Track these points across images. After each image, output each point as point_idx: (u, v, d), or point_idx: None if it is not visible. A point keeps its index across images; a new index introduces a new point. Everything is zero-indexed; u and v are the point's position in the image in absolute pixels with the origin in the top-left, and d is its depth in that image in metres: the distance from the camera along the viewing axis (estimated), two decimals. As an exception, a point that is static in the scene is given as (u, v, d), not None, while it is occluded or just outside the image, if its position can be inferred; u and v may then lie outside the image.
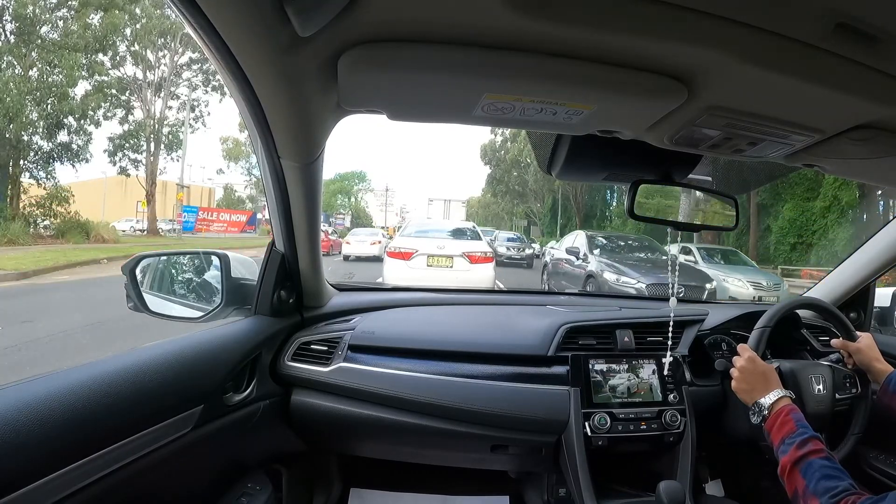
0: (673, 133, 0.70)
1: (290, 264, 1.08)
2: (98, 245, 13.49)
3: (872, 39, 0.48)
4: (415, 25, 0.50)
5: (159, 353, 0.80)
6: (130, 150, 18.88)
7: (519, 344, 1.13)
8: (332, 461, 1.43)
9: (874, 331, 1.42)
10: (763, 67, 0.52)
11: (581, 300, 1.79)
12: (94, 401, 0.64)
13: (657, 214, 0.94)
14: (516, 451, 1.10)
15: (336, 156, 62.38)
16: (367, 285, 1.73)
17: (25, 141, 14.41)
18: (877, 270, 1.30)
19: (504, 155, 28.94)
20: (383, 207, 50.03)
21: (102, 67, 17.16)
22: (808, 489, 0.74)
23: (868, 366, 1.04)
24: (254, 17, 0.47)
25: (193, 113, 20.98)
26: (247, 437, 0.99)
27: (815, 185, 12.67)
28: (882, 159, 0.75)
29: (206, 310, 1.06)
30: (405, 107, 0.66)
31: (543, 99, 0.60)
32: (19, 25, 14.44)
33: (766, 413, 0.88)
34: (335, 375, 1.07)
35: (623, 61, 0.54)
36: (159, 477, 0.75)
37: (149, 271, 1.12)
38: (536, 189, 27.92)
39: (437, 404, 1.04)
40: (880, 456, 1.16)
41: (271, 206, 0.97)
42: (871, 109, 0.62)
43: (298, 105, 0.66)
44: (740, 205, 0.98)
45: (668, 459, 1.08)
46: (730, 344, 1.20)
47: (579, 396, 1.05)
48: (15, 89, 13.53)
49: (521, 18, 0.46)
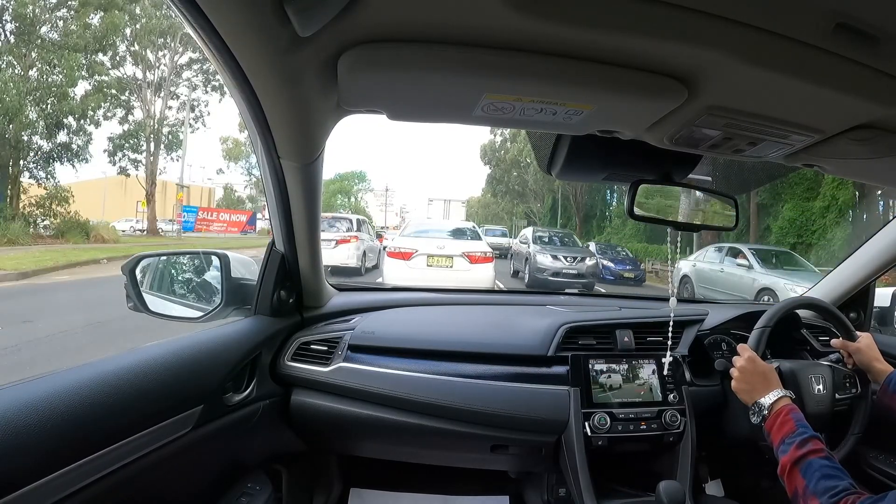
0: (673, 133, 0.70)
1: (290, 264, 1.08)
2: (98, 245, 13.48)
3: (872, 39, 0.48)
4: (415, 25, 0.50)
5: (159, 353, 0.80)
6: (130, 150, 18.87)
7: (519, 344, 1.13)
8: (332, 461, 1.43)
9: (874, 331, 1.42)
10: (763, 67, 0.52)
11: (581, 300, 1.79)
12: (94, 401, 0.64)
13: (657, 214, 0.94)
14: (516, 451, 1.10)
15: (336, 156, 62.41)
16: (367, 285, 1.73)
17: (25, 141, 14.39)
18: (877, 270, 1.30)
19: (504, 155, 28.93)
20: (383, 207, 50.08)
21: (102, 67, 17.15)
22: (808, 489, 0.74)
23: (868, 366, 1.04)
24: (254, 17, 0.47)
25: (193, 113, 20.99)
26: (247, 438, 0.99)
27: (815, 185, 12.67)
28: (882, 159, 0.75)
29: (206, 310, 1.06)
30: (405, 107, 0.67)
31: (543, 99, 0.60)
32: (19, 25, 14.44)
33: (766, 413, 0.88)
34: (335, 375, 1.07)
35: (623, 61, 0.54)
36: (159, 477, 0.75)
37: (149, 271, 1.12)
38: (536, 189, 27.91)
39: (437, 404, 1.04)
40: (880, 456, 1.16)
41: (271, 206, 0.97)
42: (871, 109, 0.62)
43: (298, 105, 0.66)
44: (740, 205, 0.99)
45: (668, 459, 1.08)
46: (730, 344, 1.20)
47: (579, 396, 1.05)
48: (15, 89, 13.51)
49: (520, 18, 0.46)
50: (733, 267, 7.93)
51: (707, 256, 8.84)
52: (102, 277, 7.96)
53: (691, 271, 8.87)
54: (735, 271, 7.83)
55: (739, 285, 7.48)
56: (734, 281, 7.68)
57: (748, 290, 7.21)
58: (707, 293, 7.81)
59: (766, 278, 7.16)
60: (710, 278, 8.35)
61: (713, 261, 8.54)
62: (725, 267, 8.14)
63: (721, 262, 8.31)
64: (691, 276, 8.81)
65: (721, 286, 7.86)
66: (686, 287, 8.81)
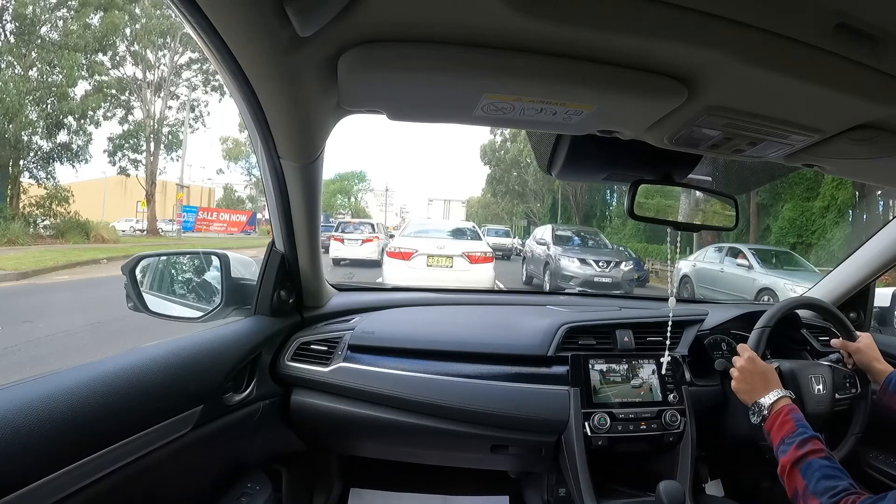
0: (673, 133, 0.70)
1: (290, 264, 1.08)
2: (98, 245, 13.48)
3: (872, 39, 0.48)
4: (415, 25, 0.50)
5: (159, 353, 0.80)
6: (130, 150, 18.88)
7: (519, 344, 1.13)
8: (332, 461, 1.43)
9: (874, 331, 1.42)
10: (763, 67, 0.52)
11: (581, 300, 1.79)
12: (94, 401, 0.64)
13: (657, 214, 0.94)
14: (516, 451, 1.10)
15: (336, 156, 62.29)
16: (366, 285, 1.73)
17: (25, 141, 14.39)
18: (877, 270, 1.30)
19: (504, 155, 28.93)
20: (383, 207, 50.09)
21: (102, 67, 17.16)
22: (807, 489, 0.74)
23: (868, 366, 1.04)
24: (254, 17, 0.47)
25: (193, 113, 20.99)
26: (246, 438, 0.99)
27: (815, 185, 12.67)
28: (882, 159, 0.75)
29: (206, 310, 1.06)
30: (405, 107, 0.67)
31: (543, 99, 0.60)
32: (19, 25, 14.44)
33: (766, 413, 0.88)
34: (335, 375, 1.07)
35: (623, 61, 0.54)
36: (159, 477, 0.75)
37: (148, 271, 1.12)
38: (536, 189, 27.91)
39: (436, 404, 1.04)
40: (880, 456, 1.16)
41: (271, 206, 0.97)
42: (871, 109, 0.61)
43: (298, 105, 0.66)
44: (740, 205, 0.99)
45: (668, 459, 1.08)
46: (730, 344, 1.20)
47: (579, 396, 1.05)
48: (15, 89, 13.52)
49: (521, 18, 0.46)
50: (733, 267, 7.90)
51: (707, 256, 8.80)
52: (102, 277, 7.96)
53: (691, 271, 8.82)
54: (735, 271, 7.80)
55: (739, 285, 7.45)
56: (734, 281, 7.65)
57: (748, 290, 7.19)
58: (707, 293, 7.79)
59: (766, 278, 7.13)
60: (710, 278, 8.32)
61: (713, 261, 8.50)
62: (725, 267, 8.11)
63: (721, 262, 8.27)
64: (691, 276, 8.76)
65: (721, 286, 7.83)
66: (686, 287, 8.74)
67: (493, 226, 21.15)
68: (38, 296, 6.62)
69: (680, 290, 8.61)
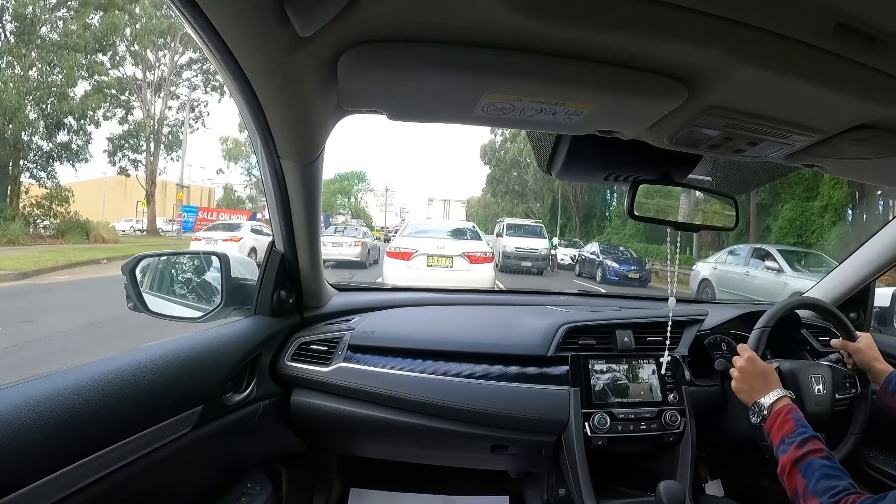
0: (673, 133, 0.70)
1: (290, 264, 1.08)
2: (98, 245, 13.48)
3: (872, 39, 0.48)
4: (415, 25, 0.50)
5: (159, 353, 0.80)
6: (130, 150, 18.92)
7: (519, 344, 1.13)
8: (332, 461, 1.43)
9: (874, 331, 1.42)
10: (763, 67, 0.52)
11: (581, 300, 1.79)
12: (94, 401, 0.64)
13: (657, 214, 0.94)
14: (516, 451, 1.10)
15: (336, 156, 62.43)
16: (366, 285, 1.73)
17: (25, 141, 14.41)
18: (877, 270, 1.30)
19: (504, 155, 28.96)
20: (383, 207, 50.09)
21: (102, 67, 17.18)
22: (807, 489, 0.74)
23: (868, 366, 1.04)
24: (254, 17, 0.47)
25: (193, 113, 21.02)
26: (246, 438, 0.99)
27: (814, 185, 12.68)
28: (882, 159, 0.75)
29: (206, 310, 1.06)
30: (405, 107, 0.66)
31: (543, 99, 0.60)
32: (19, 25, 14.44)
33: (766, 413, 0.88)
34: (335, 375, 1.07)
35: (623, 61, 0.54)
36: (159, 477, 0.75)
37: (148, 271, 1.12)
38: (536, 189, 27.94)
39: (436, 404, 1.04)
40: (880, 456, 1.16)
41: (271, 206, 0.97)
42: (871, 109, 0.61)
43: (298, 105, 0.66)
44: (740, 205, 0.99)
45: (668, 459, 1.08)
46: (730, 344, 1.21)
47: (579, 396, 1.05)
48: (15, 89, 13.52)
49: (521, 18, 0.46)
50: (761, 270, 7.46)
51: (729, 259, 8.36)
52: (102, 277, 7.96)
53: (711, 275, 8.37)
54: (763, 275, 7.36)
55: (769, 290, 7.00)
56: (763, 285, 7.20)
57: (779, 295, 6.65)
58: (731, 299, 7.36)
59: (797, 282, 6.57)
60: (734, 282, 7.85)
61: (737, 263, 8.04)
62: (752, 270, 7.69)
63: (746, 265, 7.85)
64: (712, 280, 8.32)
65: (747, 291, 7.36)
66: (706, 291, 8.30)
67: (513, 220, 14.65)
68: (38, 296, 6.62)
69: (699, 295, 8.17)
